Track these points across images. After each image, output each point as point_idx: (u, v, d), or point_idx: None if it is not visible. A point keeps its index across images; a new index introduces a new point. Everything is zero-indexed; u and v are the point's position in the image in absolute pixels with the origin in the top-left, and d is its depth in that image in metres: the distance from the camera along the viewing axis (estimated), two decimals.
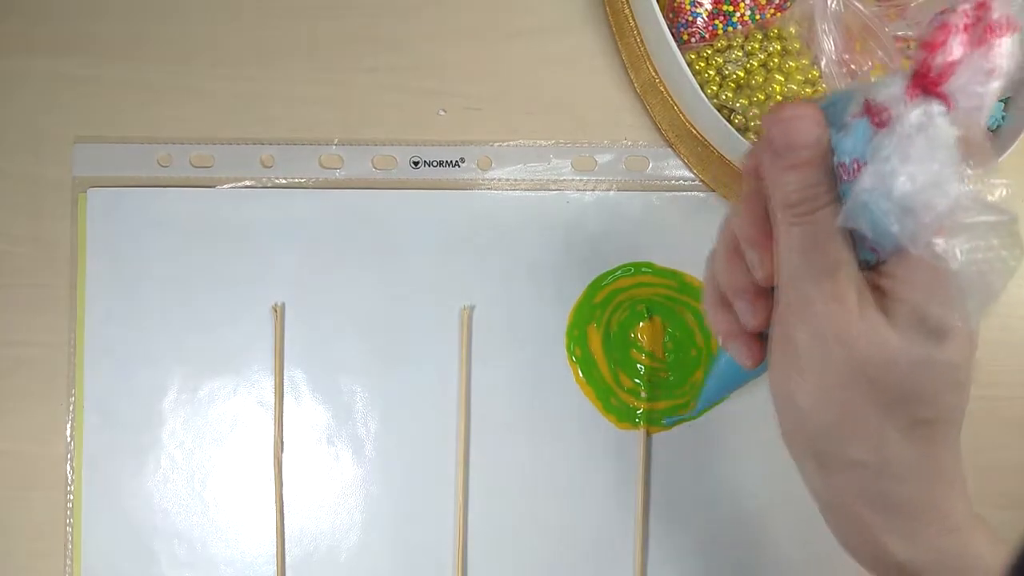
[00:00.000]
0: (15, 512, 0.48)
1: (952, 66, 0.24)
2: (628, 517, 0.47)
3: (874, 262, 0.27)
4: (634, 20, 0.46)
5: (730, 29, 0.45)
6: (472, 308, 0.48)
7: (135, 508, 0.47)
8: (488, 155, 0.48)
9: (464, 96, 0.49)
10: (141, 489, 0.47)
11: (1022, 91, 0.48)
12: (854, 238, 0.27)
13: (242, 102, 0.48)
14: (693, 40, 0.46)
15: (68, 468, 0.47)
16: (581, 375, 0.48)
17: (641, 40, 0.46)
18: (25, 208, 0.48)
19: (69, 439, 0.47)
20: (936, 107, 0.24)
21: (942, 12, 0.24)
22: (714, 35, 0.45)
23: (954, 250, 0.25)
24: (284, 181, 0.48)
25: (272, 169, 0.48)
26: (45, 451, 0.48)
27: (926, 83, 0.24)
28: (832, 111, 0.26)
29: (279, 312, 0.47)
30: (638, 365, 0.48)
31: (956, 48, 0.24)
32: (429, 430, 0.47)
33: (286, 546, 0.47)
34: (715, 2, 0.45)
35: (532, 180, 0.48)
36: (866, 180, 0.25)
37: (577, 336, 0.48)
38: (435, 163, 0.48)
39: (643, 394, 0.47)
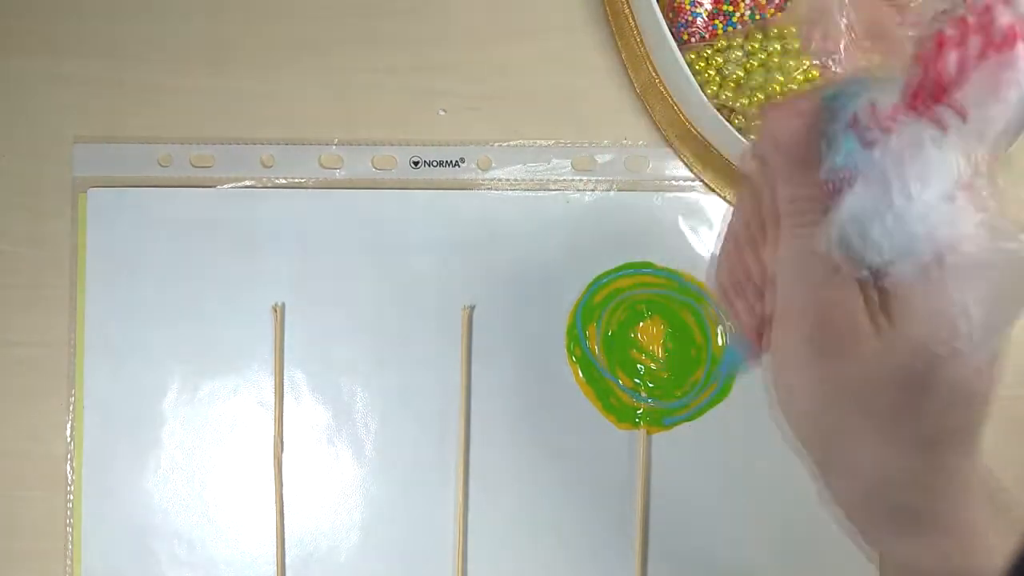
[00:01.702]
0: (15, 512, 0.48)
1: (950, 83, 0.20)
2: (628, 517, 0.47)
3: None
4: (634, 20, 0.46)
5: (730, 29, 0.45)
6: (472, 308, 0.48)
7: (135, 508, 0.47)
8: (488, 155, 0.48)
9: (464, 96, 0.49)
10: (141, 489, 0.47)
11: None
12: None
13: (242, 102, 0.48)
14: (693, 40, 0.45)
15: (68, 468, 0.47)
16: (581, 375, 0.48)
17: (641, 40, 0.46)
18: (25, 208, 0.48)
19: (69, 439, 0.47)
20: (929, 130, 0.21)
21: (940, 14, 0.20)
22: (714, 35, 0.45)
23: (956, 283, 0.21)
24: (284, 181, 0.48)
25: (272, 169, 0.48)
26: (45, 451, 0.47)
27: (918, 102, 0.21)
28: (835, 106, 0.23)
29: (279, 312, 0.47)
30: (638, 365, 0.48)
31: (953, 62, 0.20)
32: (429, 430, 0.47)
33: (286, 546, 0.47)
34: (715, 2, 0.45)
35: (532, 180, 0.48)
36: (846, 209, 0.22)
37: (577, 336, 0.48)
38: (435, 163, 0.48)
39: (643, 394, 0.47)
